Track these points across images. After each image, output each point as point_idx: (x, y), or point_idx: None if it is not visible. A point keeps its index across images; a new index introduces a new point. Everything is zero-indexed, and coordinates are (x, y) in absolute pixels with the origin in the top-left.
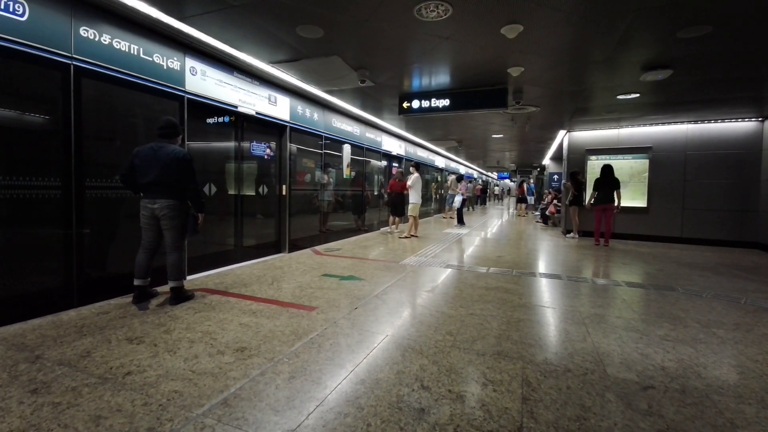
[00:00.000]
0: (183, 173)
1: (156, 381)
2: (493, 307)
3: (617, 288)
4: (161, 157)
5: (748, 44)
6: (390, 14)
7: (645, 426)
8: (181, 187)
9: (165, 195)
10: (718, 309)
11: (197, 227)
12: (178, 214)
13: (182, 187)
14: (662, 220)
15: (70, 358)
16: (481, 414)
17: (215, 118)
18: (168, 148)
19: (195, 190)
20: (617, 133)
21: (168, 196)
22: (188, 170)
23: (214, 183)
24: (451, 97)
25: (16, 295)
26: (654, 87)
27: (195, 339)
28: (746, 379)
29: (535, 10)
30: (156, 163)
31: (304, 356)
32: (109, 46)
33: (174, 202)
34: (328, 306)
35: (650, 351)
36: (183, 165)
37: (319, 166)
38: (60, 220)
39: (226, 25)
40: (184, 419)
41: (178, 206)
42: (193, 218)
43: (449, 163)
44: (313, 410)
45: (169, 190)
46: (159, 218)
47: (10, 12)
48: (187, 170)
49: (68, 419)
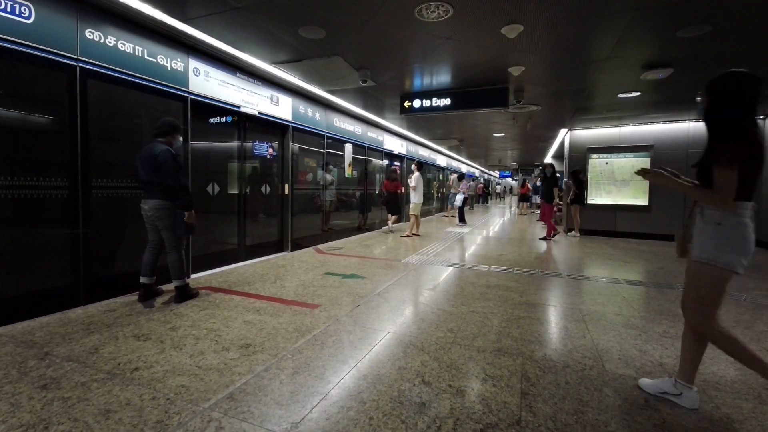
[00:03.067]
0: (162, 170)
1: (163, 376)
2: (493, 305)
3: (618, 286)
4: (147, 157)
5: (747, 43)
6: (391, 15)
7: (641, 420)
8: (165, 185)
9: (153, 195)
10: None
11: (188, 226)
12: (166, 215)
13: (166, 186)
14: (664, 218)
15: (79, 355)
16: (481, 408)
17: (218, 118)
18: (154, 147)
19: (176, 188)
20: (618, 132)
21: (155, 196)
22: (165, 166)
23: (217, 183)
24: (452, 97)
25: (25, 294)
26: (655, 85)
27: (200, 336)
28: (744, 375)
29: (536, 10)
30: (146, 162)
31: (308, 352)
32: (114, 48)
33: (160, 202)
34: (331, 304)
35: (649, 347)
36: (161, 161)
37: (321, 165)
38: (67, 219)
39: (229, 27)
40: (192, 413)
41: (165, 206)
42: (181, 217)
43: (451, 162)
44: (317, 404)
45: (155, 189)
46: (152, 219)
47: (17, 14)
48: (164, 167)
49: (78, 413)
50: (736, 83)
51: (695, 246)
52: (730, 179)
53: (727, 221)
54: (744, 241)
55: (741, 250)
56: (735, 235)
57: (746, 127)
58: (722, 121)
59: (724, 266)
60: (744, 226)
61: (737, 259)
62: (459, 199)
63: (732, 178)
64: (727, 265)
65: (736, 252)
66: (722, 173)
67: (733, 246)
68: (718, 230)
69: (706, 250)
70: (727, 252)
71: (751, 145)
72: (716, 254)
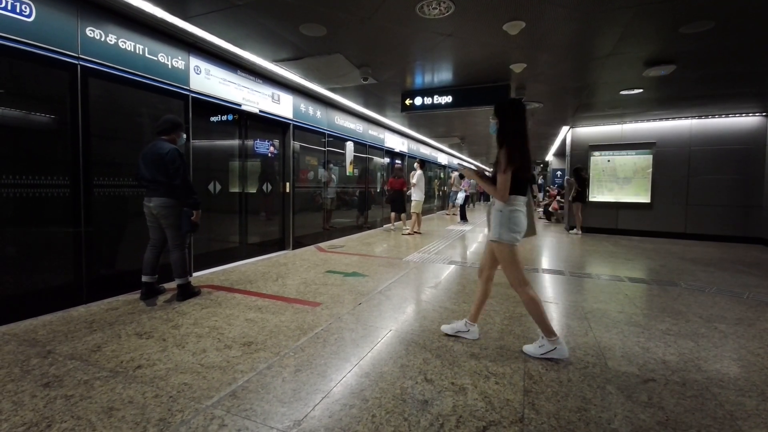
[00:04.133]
0: (168, 169)
1: (166, 374)
2: (495, 303)
3: (620, 283)
4: (151, 155)
5: (750, 40)
6: (392, 12)
7: (645, 417)
8: (172, 184)
9: (157, 193)
10: (720, 304)
11: (192, 224)
12: (172, 213)
13: (172, 185)
14: (666, 215)
15: (82, 353)
16: (483, 405)
17: (219, 116)
18: (158, 145)
19: (183, 187)
20: (621, 129)
21: (160, 194)
22: (172, 166)
23: (218, 181)
24: (453, 94)
25: (27, 292)
26: (657, 82)
27: (202, 334)
28: (747, 373)
29: (537, 7)
30: (150, 161)
31: (310, 350)
32: (114, 46)
33: (166, 200)
34: (333, 302)
35: (651, 345)
36: (168, 160)
37: (322, 163)
38: (69, 218)
39: (230, 24)
40: (194, 410)
41: (171, 204)
42: (187, 216)
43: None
44: (319, 402)
45: (161, 188)
46: (157, 217)
47: (17, 13)
48: (171, 166)
49: (81, 411)
50: (516, 107)
51: (491, 229)
52: (506, 181)
53: (505, 210)
54: (517, 223)
55: (515, 229)
56: (511, 219)
57: (520, 143)
58: (506, 137)
59: (508, 242)
60: (516, 212)
61: (513, 237)
62: (460, 197)
63: (507, 180)
64: (509, 241)
65: (512, 231)
66: (501, 177)
67: (510, 227)
68: (500, 216)
69: (495, 232)
70: (507, 232)
71: (522, 155)
72: (501, 233)
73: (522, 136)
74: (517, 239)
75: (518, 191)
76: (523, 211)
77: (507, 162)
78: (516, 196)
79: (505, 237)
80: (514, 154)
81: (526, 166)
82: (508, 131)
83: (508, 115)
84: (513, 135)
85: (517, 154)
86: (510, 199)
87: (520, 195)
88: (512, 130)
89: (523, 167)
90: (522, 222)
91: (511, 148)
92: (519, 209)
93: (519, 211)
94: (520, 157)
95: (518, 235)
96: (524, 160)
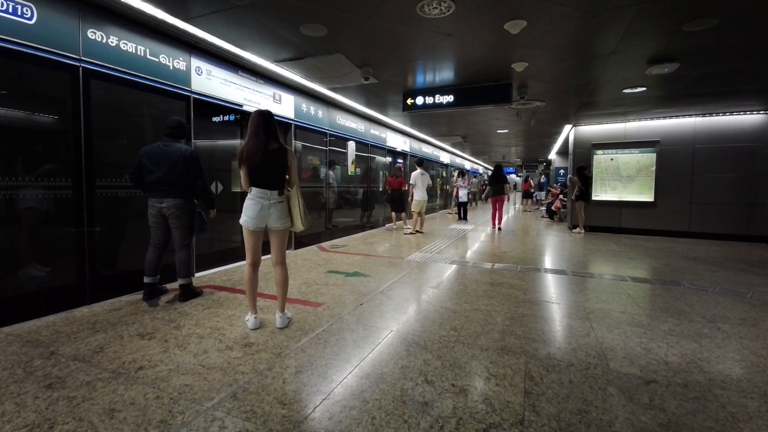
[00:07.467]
0: (191, 171)
1: (167, 375)
2: (497, 303)
3: (623, 283)
4: (169, 156)
5: (754, 37)
6: (393, 12)
7: (646, 419)
8: (188, 185)
9: (172, 194)
10: (723, 304)
11: (204, 225)
12: (185, 213)
13: (189, 185)
14: (669, 214)
15: (84, 354)
16: (484, 407)
17: (221, 116)
18: (175, 146)
19: (203, 187)
20: (624, 127)
21: (175, 195)
22: (196, 167)
23: (220, 181)
24: (455, 93)
25: (31, 293)
26: (660, 80)
27: (204, 334)
28: (750, 374)
29: (538, 5)
30: (163, 161)
31: (311, 351)
32: (116, 48)
33: (181, 201)
34: (334, 302)
35: (654, 346)
36: (190, 162)
37: (324, 163)
38: (72, 219)
39: (231, 25)
40: (195, 412)
41: (185, 205)
42: (200, 216)
43: (454, 159)
44: (320, 403)
45: (176, 188)
46: (167, 217)
47: (18, 15)
48: (194, 167)
49: (83, 413)
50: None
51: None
52: (242, 176)
53: (246, 199)
54: (249, 210)
55: (248, 214)
56: (246, 207)
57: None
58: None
59: (243, 224)
60: (249, 200)
61: (246, 221)
62: (462, 195)
63: (245, 175)
64: (244, 224)
65: (246, 216)
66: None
67: (245, 213)
68: (245, 204)
69: (242, 217)
70: (243, 217)
71: (242, 153)
72: (243, 218)
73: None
74: (247, 223)
75: (254, 184)
76: (256, 200)
77: (240, 161)
78: (252, 188)
79: (242, 220)
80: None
81: (252, 163)
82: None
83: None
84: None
85: (240, 154)
86: (248, 190)
87: (255, 186)
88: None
89: (248, 164)
90: (252, 208)
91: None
92: (251, 198)
93: (251, 200)
94: (243, 155)
95: (250, 220)
96: (249, 157)
